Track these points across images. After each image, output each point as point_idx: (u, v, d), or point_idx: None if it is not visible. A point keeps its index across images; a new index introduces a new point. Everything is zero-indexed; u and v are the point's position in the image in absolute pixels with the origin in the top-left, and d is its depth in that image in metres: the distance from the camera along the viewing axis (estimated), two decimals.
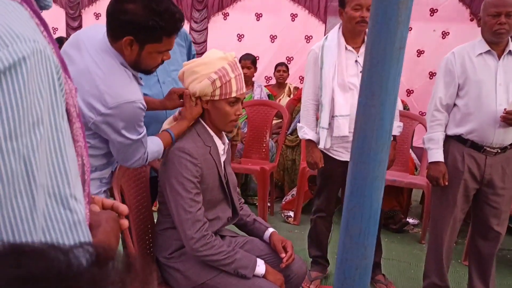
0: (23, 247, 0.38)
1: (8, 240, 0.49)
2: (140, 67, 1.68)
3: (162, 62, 1.73)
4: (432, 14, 5.60)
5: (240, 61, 4.39)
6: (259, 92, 4.54)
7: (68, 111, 0.60)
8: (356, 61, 2.49)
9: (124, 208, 0.78)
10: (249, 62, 4.44)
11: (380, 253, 2.82)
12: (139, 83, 1.74)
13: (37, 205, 0.51)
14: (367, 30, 0.90)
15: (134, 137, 1.66)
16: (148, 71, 1.73)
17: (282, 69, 5.02)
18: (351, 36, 2.50)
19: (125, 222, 0.75)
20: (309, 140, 2.65)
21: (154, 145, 1.79)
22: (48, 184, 0.53)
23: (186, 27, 3.66)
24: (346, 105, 2.48)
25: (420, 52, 5.67)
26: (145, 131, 1.73)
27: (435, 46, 5.54)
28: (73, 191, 0.56)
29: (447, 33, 5.56)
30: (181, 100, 1.88)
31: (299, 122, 4.29)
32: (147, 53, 1.63)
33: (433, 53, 5.48)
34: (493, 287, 2.48)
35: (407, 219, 3.99)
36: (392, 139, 2.59)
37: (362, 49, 2.47)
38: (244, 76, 4.29)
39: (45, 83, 0.53)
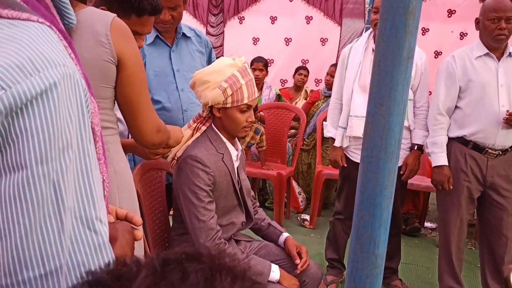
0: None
1: (40, 264, 0.51)
2: None
3: None
4: (450, 15, 5.53)
5: (252, 64, 4.39)
6: (268, 93, 4.49)
7: (92, 130, 0.62)
8: None
9: (138, 219, 0.80)
10: (261, 64, 4.40)
11: (399, 259, 2.79)
12: None
13: (65, 229, 0.52)
14: None
15: None
16: None
17: (303, 73, 4.99)
18: None
19: (139, 233, 0.76)
20: (332, 138, 2.70)
21: None
22: (75, 207, 0.54)
23: (202, 31, 3.66)
24: (364, 106, 2.47)
25: (437, 53, 5.61)
26: None
27: (453, 47, 5.46)
28: (98, 213, 0.57)
29: (465, 34, 5.47)
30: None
31: (314, 125, 4.31)
32: None
33: None
34: None
35: (425, 223, 3.95)
36: (416, 148, 2.55)
37: None
38: (256, 78, 4.30)
39: (74, 107, 0.55)
